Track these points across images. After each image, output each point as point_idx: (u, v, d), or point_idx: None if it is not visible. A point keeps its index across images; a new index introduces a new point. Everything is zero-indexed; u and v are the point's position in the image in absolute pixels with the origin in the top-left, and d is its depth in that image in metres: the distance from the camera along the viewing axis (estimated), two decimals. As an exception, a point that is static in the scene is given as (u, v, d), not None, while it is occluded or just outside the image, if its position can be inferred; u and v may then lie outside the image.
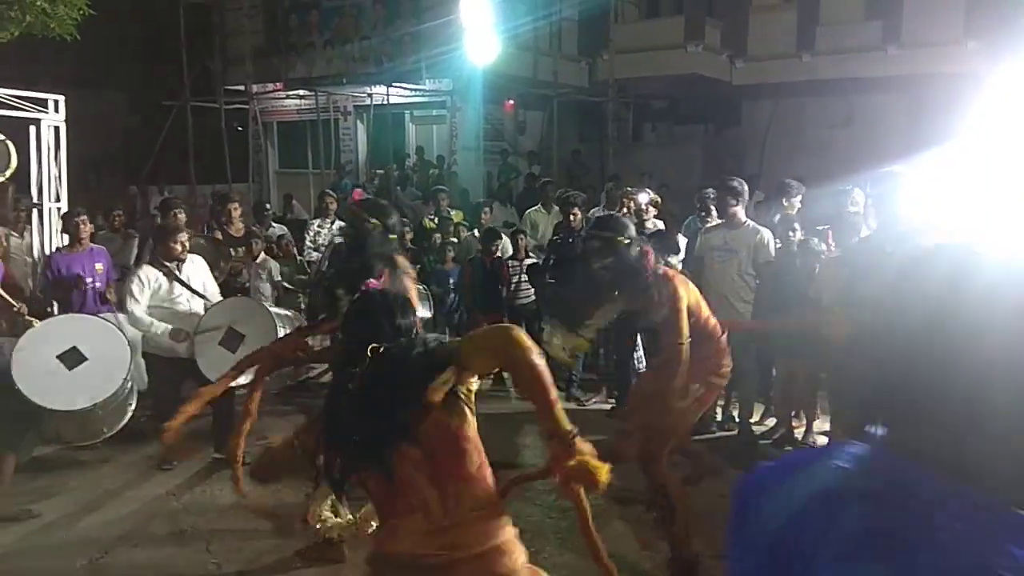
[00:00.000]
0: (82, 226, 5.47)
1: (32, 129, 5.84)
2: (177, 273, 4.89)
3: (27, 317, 4.53)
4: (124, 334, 4.44)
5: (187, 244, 4.96)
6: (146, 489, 4.81)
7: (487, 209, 8.57)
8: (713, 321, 3.83)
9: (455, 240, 7.93)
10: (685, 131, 16.76)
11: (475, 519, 1.90)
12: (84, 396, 4.24)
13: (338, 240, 7.06)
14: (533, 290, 6.91)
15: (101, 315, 5.42)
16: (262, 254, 6.95)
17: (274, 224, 8.32)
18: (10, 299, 4.54)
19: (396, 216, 3.63)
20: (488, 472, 2.02)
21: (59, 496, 4.68)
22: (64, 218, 5.67)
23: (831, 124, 14.81)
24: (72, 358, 4.23)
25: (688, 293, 3.65)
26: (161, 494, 4.73)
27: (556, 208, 7.64)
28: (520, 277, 6.91)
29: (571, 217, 6.45)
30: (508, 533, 1.96)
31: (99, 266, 5.73)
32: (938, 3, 13.56)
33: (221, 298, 5.13)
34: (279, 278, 7.07)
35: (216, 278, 5.45)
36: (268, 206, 8.70)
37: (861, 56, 14.03)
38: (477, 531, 1.89)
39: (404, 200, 12.47)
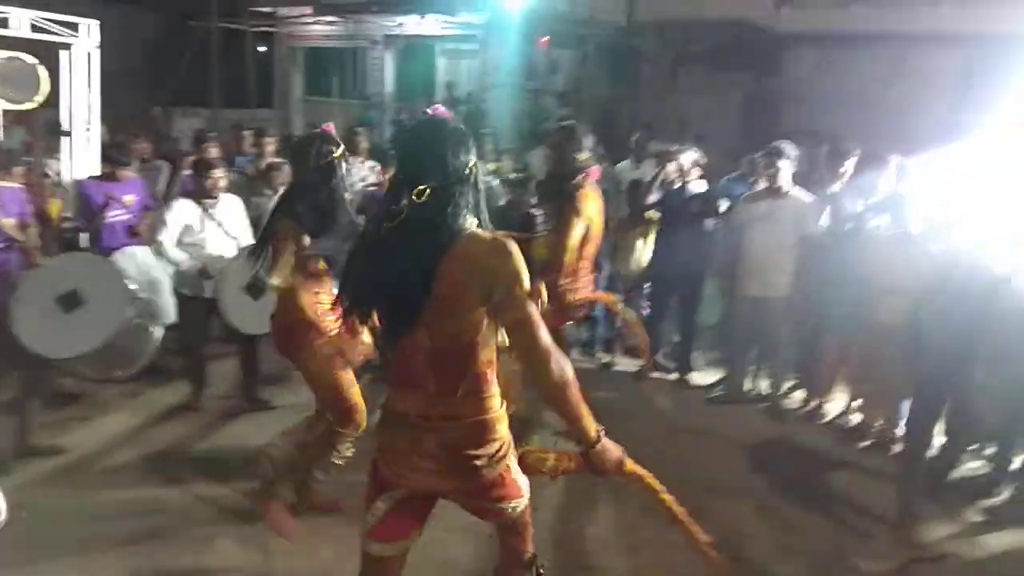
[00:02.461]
0: (122, 165, 5.30)
1: (64, 54, 5.66)
2: (212, 211, 4.78)
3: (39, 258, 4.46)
4: (127, 278, 4.37)
5: (224, 182, 4.83)
6: (172, 428, 4.81)
7: (505, 156, 8.32)
8: None
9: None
10: (724, 79, 16.25)
11: (468, 398, 2.11)
12: (80, 343, 4.16)
13: (371, 188, 6.93)
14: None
15: (128, 248, 5.37)
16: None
17: None
18: (17, 235, 4.45)
19: None
20: (491, 374, 2.17)
21: (83, 431, 4.69)
22: (106, 151, 5.50)
23: (876, 79, 14.29)
24: (70, 301, 4.12)
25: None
26: (184, 434, 4.74)
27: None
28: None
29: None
30: (494, 410, 2.16)
31: (128, 197, 5.60)
32: (998, -44, 12.89)
33: (252, 241, 5.02)
34: None
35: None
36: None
37: (913, 8, 13.44)
38: (469, 405, 2.11)
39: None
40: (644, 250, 6.25)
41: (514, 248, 1.99)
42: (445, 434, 2.09)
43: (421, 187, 1.96)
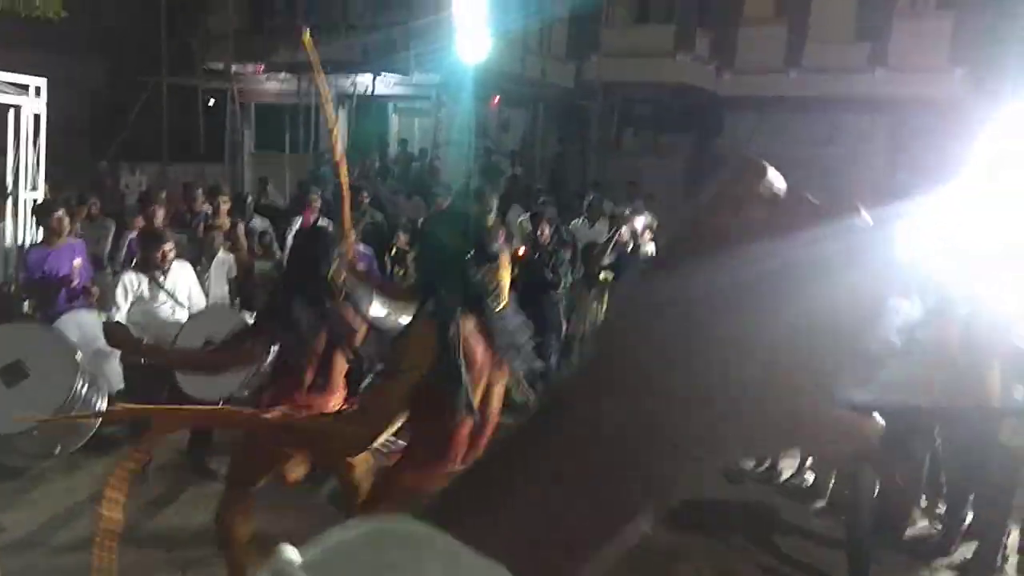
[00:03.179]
0: (61, 222, 5.19)
1: (11, 113, 5.55)
2: (161, 281, 4.69)
3: None
4: (74, 348, 4.20)
5: (173, 253, 4.75)
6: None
7: None
8: None
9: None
10: (668, 140, 16.78)
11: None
12: (22, 420, 3.96)
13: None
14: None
15: (72, 313, 5.21)
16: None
17: (257, 217, 8.06)
18: None
19: None
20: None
21: (25, 509, 4.46)
22: (39, 211, 5.38)
23: (814, 142, 14.92)
24: (13, 373, 3.93)
25: None
26: (132, 510, 4.54)
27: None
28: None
29: (539, 232, 6.36)
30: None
31: (77, 261, 5.47)
32: (926, 28, 13.73)
33: (203, 306, 4.94)
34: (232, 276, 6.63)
35: (199, 274, 5.24)
36: (249, 197, 8.44)
37: (848, 76, 14.15)
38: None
39: (384, 193, 12.27)
40: (599, 310, 6.33)
41: None
42: None
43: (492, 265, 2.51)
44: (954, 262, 4.35)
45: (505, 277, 3.90)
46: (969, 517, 4.43)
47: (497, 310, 2.39)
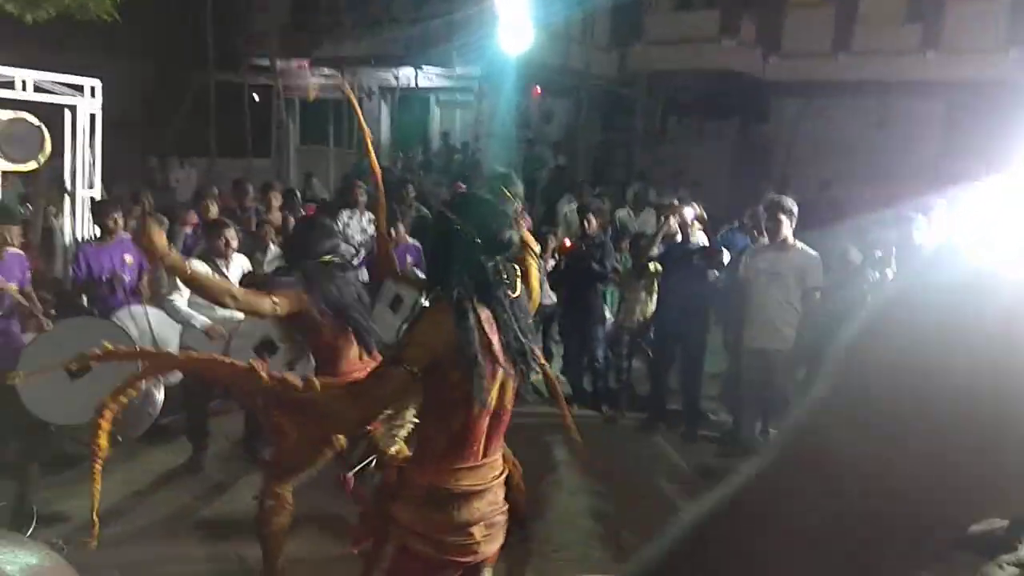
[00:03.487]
0: (115, 221, 5.32)
1: (68, 114, 5.69)
2: (225, 271, 4.75)
3: (41, 318, 4.38)
4: (133, 341, 4.29)
5: (236, 241, 4.81)
6: (174, 492, 4.71)
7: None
8: None
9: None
10: (713, 127, 16.52)
11: (494, 461, 2.38)
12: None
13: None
14: (553, 294, 6.77)
15: (129, 308, 5.33)
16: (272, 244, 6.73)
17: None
18: (23, 300, 4.39)
19: None
20: None
21: (84, 496, 4.57)
22: (95, 209, 5.51)
23: (863, 126, 14.57)
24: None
25: None
26: (188, 500, 4.64)
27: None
28: (542, 278, 6.73)
29: (586, 223, 6.30)
30: (505, 468, 2.48)
31: (128, 258, 5.59)
32: (980, 9, 13.27)
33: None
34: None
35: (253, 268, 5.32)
36: (297, 193, 8.54)
37: (898, 59, 13.76)
38: (495, 467, 2.37)
39: (427, 186, 12.32)
40: (648, 302, 6.27)
41: None
42: (486, 497, 2.28)
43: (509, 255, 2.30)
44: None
45: (531, 269, 3.83)
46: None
47: (509, 302, 2.23)
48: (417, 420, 2.51)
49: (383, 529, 2.33)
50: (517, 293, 2.26)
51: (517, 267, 2.34)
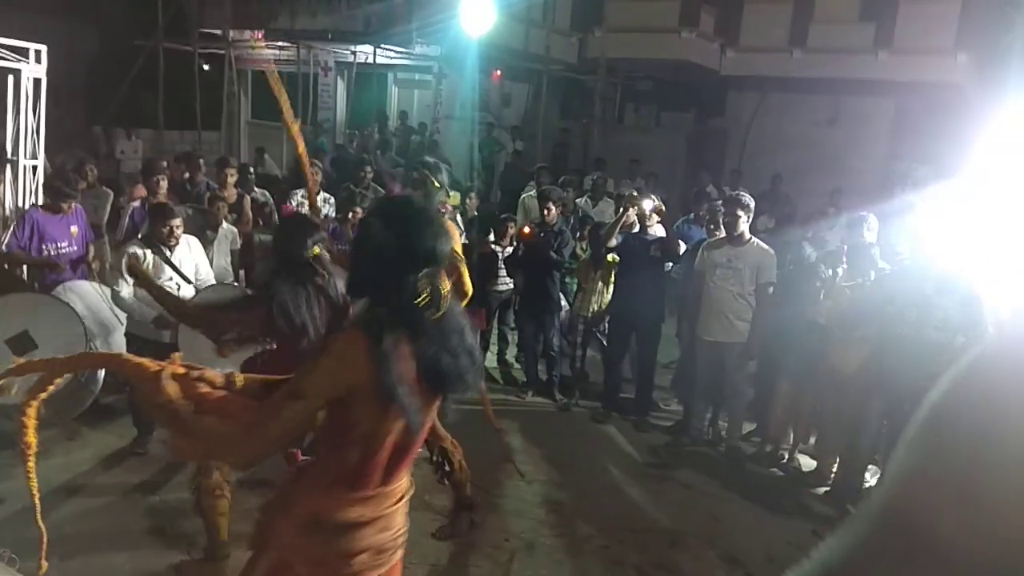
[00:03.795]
0: (69, 199, 5.12)
1: (10, 79, 5.43)
2: (168, 255, 4.61)
3: None
4: (83, 322, 4.15)
5: (181, 229, 4.66)
6: (119, 477, 4.58)
7: (472, 194, 8.27)
8: None
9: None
10: (670, 117, 16.65)
11: (397, 488, 2.17)
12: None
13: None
14: (511, 280, 6.77)
15: (73, 283, 5.15)
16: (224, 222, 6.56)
17: (256, 189, 7.94)
18: None
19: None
20: None
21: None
22: (50, 182, 5.26)
23: (815, 122, 14.84)
24: (21, 344, 3.89)
25: None
26: (134, 483, 4.52)
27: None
28: (499, 264, 6.72)
29: (546, 212, 6.31)
30: (408, 493, 2.21)
31: (75, 229, 5.39)
32: (932, 12, 13.58)
33: (212, 282, 4.87)
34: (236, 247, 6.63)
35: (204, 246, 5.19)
36: (251, 170, 8.32)
37: (851, 57, 14.01)
38: (395, 495, 2.15)
39: (384, 166, 12.14)
40: (604, 292, 6.30)
41: None
42: (379, 524, 2.10)
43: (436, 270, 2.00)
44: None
45: (463, 273, 3.91)
46: None
47: (437, 322, 1.97)
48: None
49: (266, 539, 2.15)
50: (441, 309, 1.96)
51: (447, 275, 2.11)
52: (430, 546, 4.01)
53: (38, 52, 5.55)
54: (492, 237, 7.01)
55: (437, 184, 4.22)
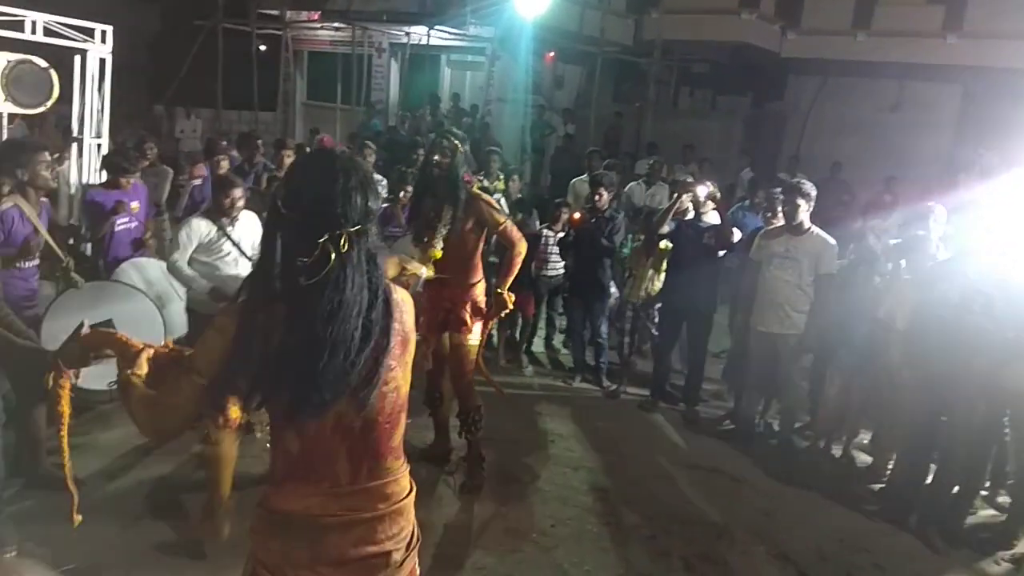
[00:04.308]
0: (128, 173, 5.24)
1: (77, 59, 5.56)
2: (229, 230, 4.67)
3: (72, 274, 4.29)
4: (161, 314, 4.23)
5: (242, 201, 4.70)
6: (179, 446, 4.66)
7: (515, 176, 8.21)
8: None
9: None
10: (727, 101, 16.30)
11: (379, 485, 1.84)
12: (106, 378, 3.99)
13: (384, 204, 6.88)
14: (562, 264, 6.72)
15: (134, 259, 5.27)
16: None
17: None
18: (59, 250, 4.30)
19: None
20: (401, 439, 1.90)
21: (90, 449, 4.54)
22: (108, 158, 5.39)
23: (878, 108, 14.40)
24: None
25: None
26: (195, 454, 4.61)
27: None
28: (551, 248, 6.67)
29: (597, 197, 6.24)
30: (407, 492, 1.91)
31: (135, 205, 5.51)
32: (1005, -6, 13.01)
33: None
34: None
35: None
36: (307, 150, 8.42)
37: (918, 41, 13.53)
38: (379, 495, 1.84)
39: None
40: (656, 279, 6.22)
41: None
42: (357, 529, 1.80)
43: (339, 233, 1.65)
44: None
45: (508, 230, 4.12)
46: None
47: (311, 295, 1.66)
48: None
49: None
50: (314, 276, 1.64)
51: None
52: (474, 531, 4.03)
53: (104, 33, 5.67)
54: (538, 222, 6.96)
55: (461, 151, 4.22)
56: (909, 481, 4.61)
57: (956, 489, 4.46)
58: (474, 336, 4.35)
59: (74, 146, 5.85)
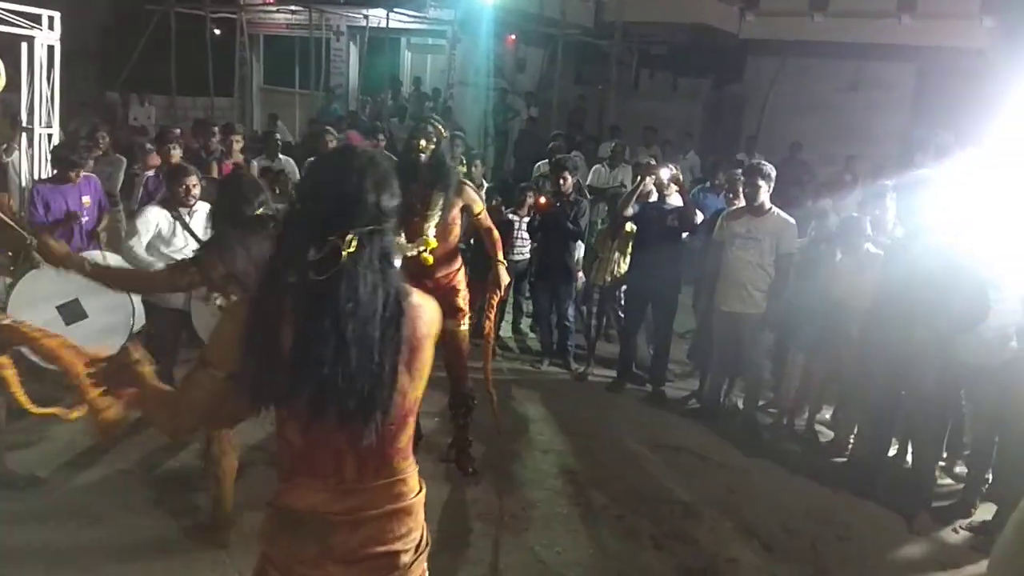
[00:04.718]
0: (77, 168, 5.12)
1: (24, 46, 5.39)
2: (187, 220, 4.58)
3: (34, 253, 4.16)
4: (131, 299, 4.15)
5: (197, 189, 4.61)
6: (141, 441, 4.60)
7: (477, 161, 8.15)
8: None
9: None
10: (687, 83, 16.39)
11: (386, 484, 1.81)
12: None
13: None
14: (528, 248, 6.73)
15: (87, 253, 5.15)
16: None
17: (281, 156, 7.87)
18: (18, 227, 4.17)
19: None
20: (410, 440, 1.86)
21: (51, 442, 4.45)
22: (57, 151, 5.25)
23: (836, 88, 14.61)
24: (72, 312, 3.92)
25: None
26: (158, 448, 4.55)
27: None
28: (517, 234, 6.66)
29: (561, 181, 6.26)
30: (416, 491, 1.88)
31: (86, 199, 5.37)
32: (957, -26, 13.25)
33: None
34: None
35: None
36: (278, 138, 8.27)
37: (874, 22, 13.73)
38: (387, 494, 1.81)
39: (399, 133, 12.06)
40: (622, 261, 6.26)
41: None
42: (364, 529, 1.77)
43: (349, 232, 1.62)
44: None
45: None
46: (990, 478, 4.43)
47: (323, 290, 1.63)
48: None
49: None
50: (325, 271, 1.62)
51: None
52: (446, 516, 4.04)
53: (51, 19, 5.50)
54: (504, 207, 6.95)
55: (446, 136, 4.23)
56: (871, 453, 4.72)
57: (911, 461, 4.59)
58: (467, 323, 4.46)
59: (23, 136, 5.68)
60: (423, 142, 4.07)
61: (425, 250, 4.02)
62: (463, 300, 4.40)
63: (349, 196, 1.65)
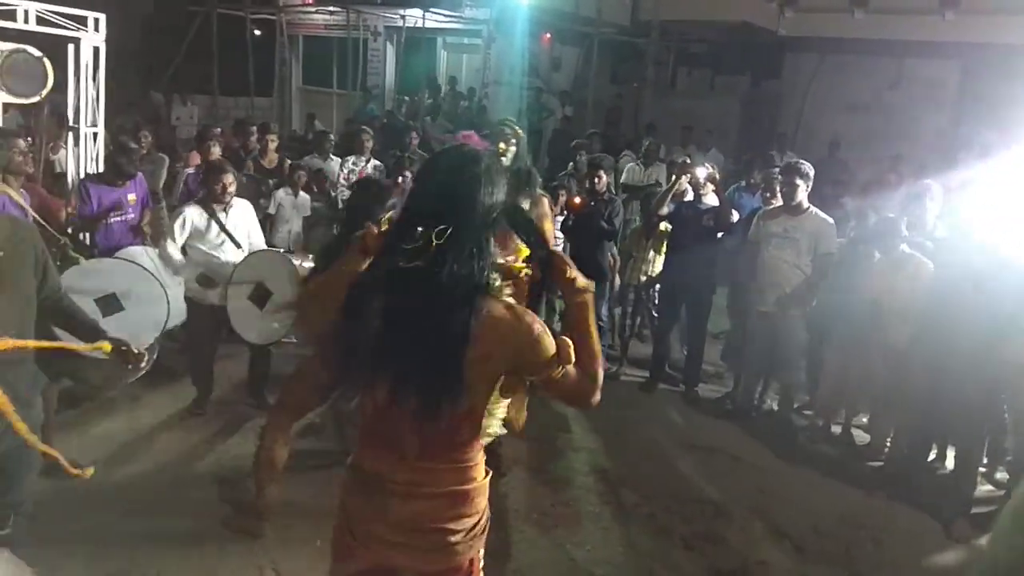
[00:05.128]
0: (130, 178, 5.26)
1: (71, 48, 5.54)
2: (223, 218, 4.68)
3: (71, 252, 4.30)
4: (167, 295, 4.25)
5: (234, 187, 4.70)
6: (179, 437, 4.72)
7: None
8: None
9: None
10: (724, 81, 16.22)
11: (451, 464, 1.90)
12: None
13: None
14: (561, 248, 6.72)
15: (130, 248, 5.27)
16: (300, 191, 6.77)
17: (333, 156, 7.98)
18: (52, 230, 4.31)
19: None
20: (479, 441, 1.96)
21: (85, 439, 4.57)
22: (115, 159, 5.36)
23: (876, 86, 14.33)
24: (109, 305, 4.01)
25: None
26: (196, 442, 4.66)
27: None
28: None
29: (595, 180, 6.23)
30: (475, 480, 1.95)
31: (132, 196, 5.50)
32: (1004, -31, 12.90)
33: (263, 248, 4.94)
34: (308, 214, 6.88)
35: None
36: (331, 138, 8.41)
37: (916, 18, 13.42)
38: (445, 477, 1.90)
39: (433, 132, 12.14)
40: (656, 260, 6.23)
41: (537, 325, 1.84)
42: (418, 503, 1.86)
43: (442, 227, 1.69)
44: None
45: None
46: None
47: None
48: None
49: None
50: (410, 261, 1.71)
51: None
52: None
53: (96, 20, 5.64)
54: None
55: (523, 137, 4.13)
56: (909, 457, 4.64)
57: (952, 466, 4.50)
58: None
59: (70, 135, 5.84)
60: (502, 145, 3.92)
61: (516, 259, 3.99)
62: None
63: (444, 193, 1.75)
